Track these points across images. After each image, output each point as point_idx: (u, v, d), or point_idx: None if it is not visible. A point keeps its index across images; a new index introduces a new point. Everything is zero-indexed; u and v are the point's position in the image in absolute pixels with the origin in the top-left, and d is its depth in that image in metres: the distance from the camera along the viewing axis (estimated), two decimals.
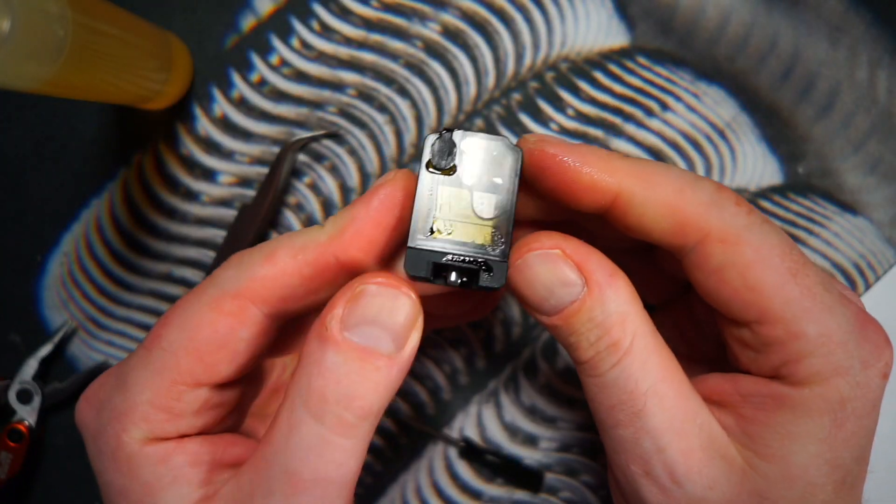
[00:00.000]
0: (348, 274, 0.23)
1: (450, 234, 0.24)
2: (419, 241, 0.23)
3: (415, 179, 0.24)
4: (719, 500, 0.22)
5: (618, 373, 0.22)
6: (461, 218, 0.24)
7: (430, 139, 0.24)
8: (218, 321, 0.23)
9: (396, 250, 0.25)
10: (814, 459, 0.22)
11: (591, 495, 0.39)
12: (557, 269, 0.23)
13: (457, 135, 0.24)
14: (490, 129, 0.38)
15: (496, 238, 0.24)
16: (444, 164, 0.24)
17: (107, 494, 0.23)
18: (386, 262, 0.25)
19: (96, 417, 0.23)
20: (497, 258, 0.23)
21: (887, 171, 0.37)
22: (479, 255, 0.23)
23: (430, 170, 0.24)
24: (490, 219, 0.24)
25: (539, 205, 0.26)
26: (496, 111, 0.38)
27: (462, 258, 0.23)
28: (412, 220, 0.23)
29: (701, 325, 0.29)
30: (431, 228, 0.24)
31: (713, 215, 0.22)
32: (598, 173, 0.23)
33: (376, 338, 0.21)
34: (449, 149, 0.24)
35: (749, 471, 0.22)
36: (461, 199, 0.24)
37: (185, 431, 0.23)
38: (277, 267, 0.23)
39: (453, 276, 0.23)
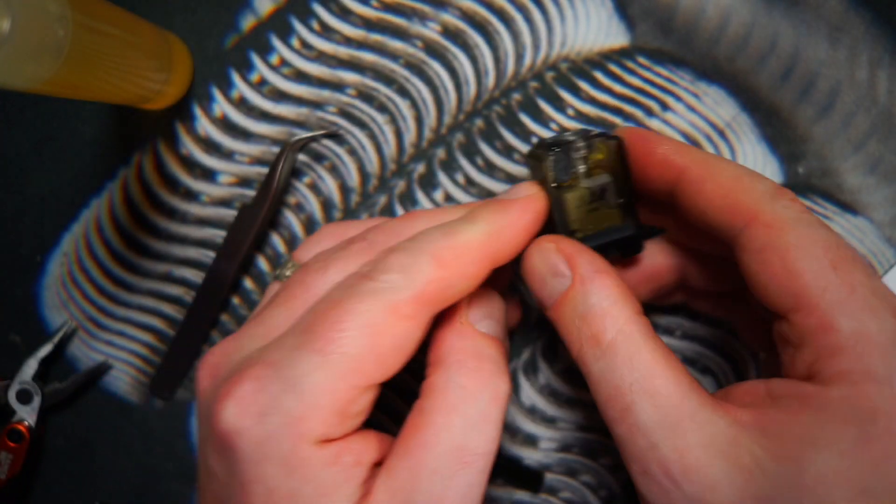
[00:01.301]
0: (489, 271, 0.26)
1: (587, 229, 0.27)
2: None
3: (540, 191, 0.27)
4: (722, 503, 0.21)
5: (602, 366, 0.23)
6: (591, 210, 0.27)
7: (549, 161, 0.26)
8: (398, 326, 0.23)
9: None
10: (832, 474, 0.20)
11: (591, 495, 0.39)
12: (549, 259, 0.25)
13: (568, 147, 0.27)
14: (491, 129, 0.38)
15: (625, 215, 0.27)
16: (567, 177, 0.27)
17: (268, 500, 0.23)
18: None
19: (259, 423, 0.23)
20: (632, 231, 0.27)
21: (887, 171, 0.37)
22: (617, 235, 0.27)
23: (556, 186, 0.27)
24: (614, 202, 0.27)
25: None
26: (496, 111, 0.38)
27: (605, 243, 0.27)
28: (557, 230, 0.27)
29: None
30: (571, 231, 0.27)
31: (765, 202, 0.24)
32: (670, 151, 0.26)
33: (494, 330, 0.26)
34: (567, 161, 0.27)
35: (757, 473, 0.20)
36: (585, 197, 0.27)
37: (348, 431, 0.24)
38: (448, 270, 0.24)
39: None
